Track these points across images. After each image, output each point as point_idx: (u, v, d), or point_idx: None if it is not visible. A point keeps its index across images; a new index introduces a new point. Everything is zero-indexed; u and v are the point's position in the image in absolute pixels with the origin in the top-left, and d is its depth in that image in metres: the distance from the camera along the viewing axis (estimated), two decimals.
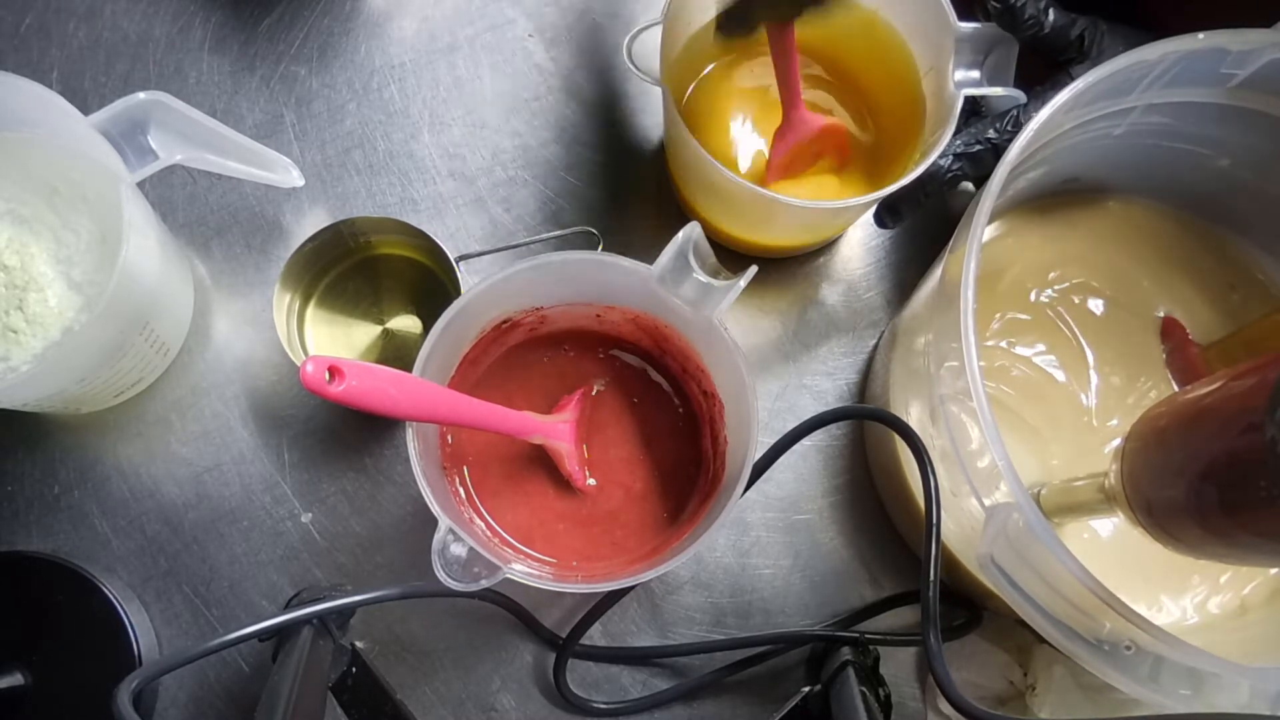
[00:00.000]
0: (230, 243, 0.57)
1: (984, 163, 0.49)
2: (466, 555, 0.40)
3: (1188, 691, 0.35)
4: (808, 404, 0.57)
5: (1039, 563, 0.35)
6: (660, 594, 0.54)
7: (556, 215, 0.58)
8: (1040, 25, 0.47)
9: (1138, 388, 0.50)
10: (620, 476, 0.50)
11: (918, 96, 0.52)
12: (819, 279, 0.58)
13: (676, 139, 0.49)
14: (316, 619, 0.45)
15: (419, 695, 0.52)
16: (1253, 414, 0.31)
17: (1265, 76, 0.42)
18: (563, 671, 0.51)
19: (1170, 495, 0.36)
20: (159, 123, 0.48)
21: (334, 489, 0.54)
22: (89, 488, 0.53)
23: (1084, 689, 0.48)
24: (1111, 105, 0.43)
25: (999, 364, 0.50)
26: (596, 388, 0.51)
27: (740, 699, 0.53)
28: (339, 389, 0.35)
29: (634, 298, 0.47)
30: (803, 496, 0.55)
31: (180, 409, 0.54)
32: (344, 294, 0.55)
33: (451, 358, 0.47)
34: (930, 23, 0.49)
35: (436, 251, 0.52)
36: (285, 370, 0.55)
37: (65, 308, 0.48)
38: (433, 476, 0.42)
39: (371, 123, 0.59)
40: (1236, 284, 0.52)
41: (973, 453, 0.39)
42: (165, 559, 0.53)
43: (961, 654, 0.51)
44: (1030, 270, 0.52)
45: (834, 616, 0.54)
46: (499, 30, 0.61)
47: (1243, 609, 0.48)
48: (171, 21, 0.59)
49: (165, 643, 0.52)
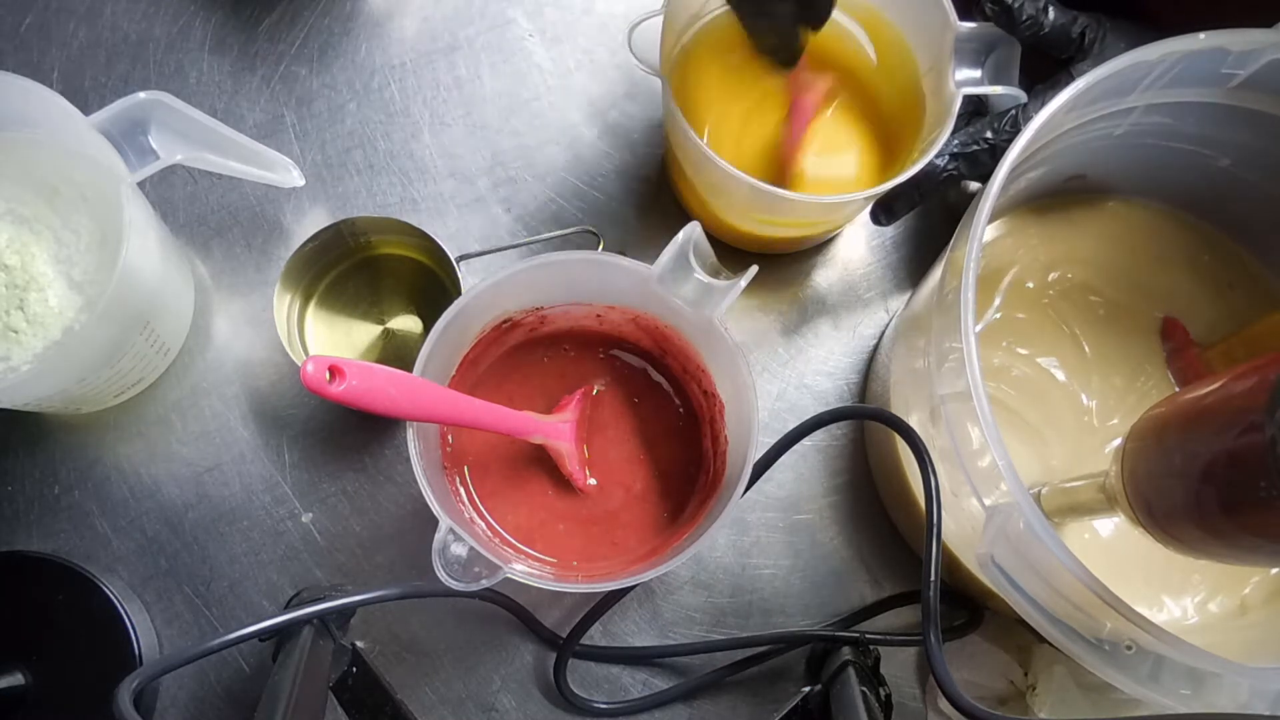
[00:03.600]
0: (230, 243, 0.57)
1: (981, 163, 0.49)
2: (467, 555, 0.40)
3: (1188, 691, 0.35)
4: (808, 404, 0.57)
5: (1039, 563, 0.35)
6: (660, 594, 0.54)
7: (556, 215, 0.58)
8: (1040, 25, 0.47)
9: (1138, 388, 0.50)
10: (620, 476, 0.50)
11: (918, 95, 0.52)
12: (819, 278, 0.58)
13: (675, 131, 0.49)
14: (316, 619, 0.45)
15: (419, 695, 0.52)
16: (1253, 414, 0.31)
17: (1266, 76, 0.42)
18: (563, 671, 0.51)
19: (1170, 495, 0.36)
20: (159, 123, 0.48)
21: (334, 489, 0.54)
22: (89, 488, 0.53)
23: (1084, 689, 0.48)
24: (1112, 105, 0.43)
25: (999, 364, 0.50)
26: (597, 388, 0.51)
27: (740, 699, 0.53)
28: (339, 389, 0.35)
29: (634, 298, 0.47)
30: (803, 496, 0.55)
31: (180, 409, 0.54)
32: (344, 294, 0.55)
33: (451, 358, 0.47)
34: (931, 22, 0.49)
35: (436, 251, 0.52)
36: (285, 370, 0.55)
37: (65, 308, 0.48)
38: (433, 476, 0.42)
39: (371, 123, 0.59)
40: (1236, 284, 0.52)
41: (973, 453, 0.39)
42: (165, 559, 0.53)
43: (961, 654, 0.51)
44: (1030, 270, 0.51)
45: (834, 616, 0.54)
46: (499, 30, 0.61)
47: (1243, 609, 0.48)
48: (171, 21, 0.59)
49: (165, 643, 0.52)
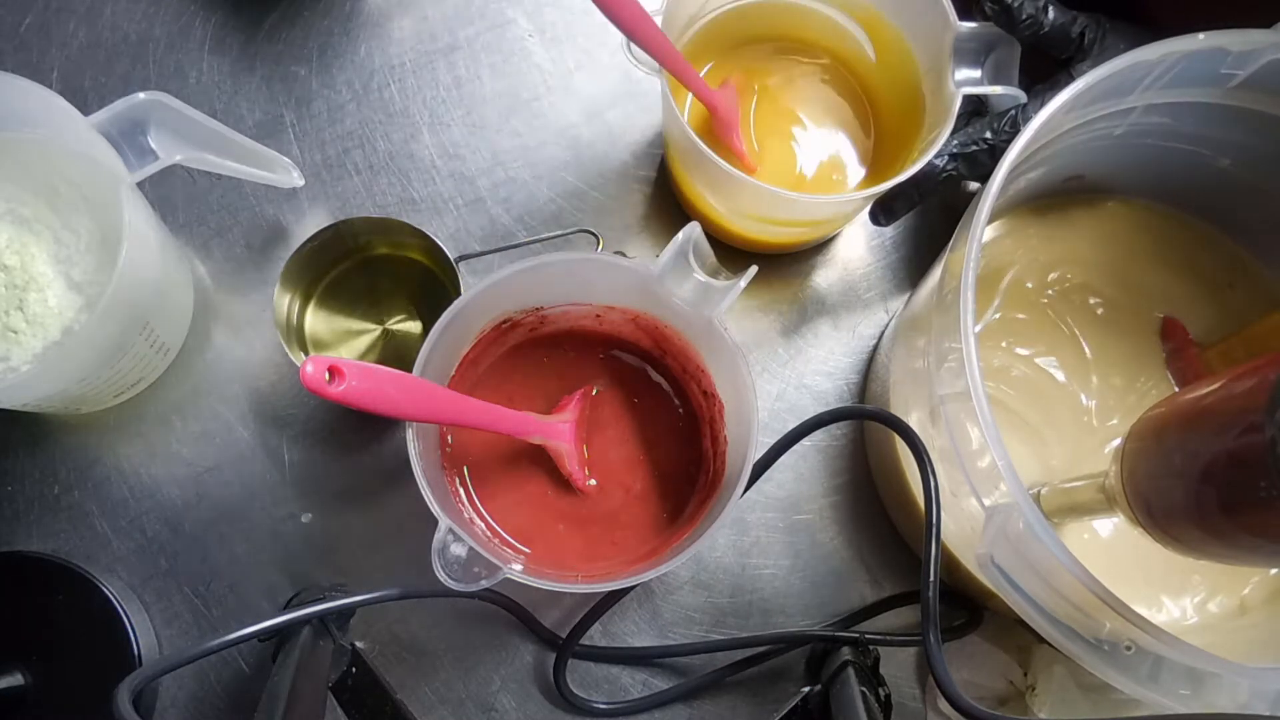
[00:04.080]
0: (230, 243, 0.57)
1: (980, 163, 0.49)
2: (466, 555, 0.40)
3: (1187, 691, 0.35)
4: (808, 404, 0.57)
5: (1039, 563, 0.35)
6: (660, 594, 0.54)
7: (556, 215, 0.58)
8: (1039, 24, 0.47)
9: (1138, 388, 0.50)
10: (620, 476, 0.50)
11: (917, 95, 0.52)
12: (819, 279, 0.58)
13: (675, 131, 0.49)
14: (316, 619, 0.45)
15: (419, 695, 0.52)
16: (1253, 414, 0.31)
17: (1265, 76, 0.42)
18: (563, 671, 0.51)
19: (1170, 495, 0.36)
20: (159, 123, 0.48)
21: (334, 489, 0.54)
22: (89, 488, 0.53)
23: (1084, 689, 0.48)
24: (1112, 105, 0.43)
25: (999, 364, 0.50)
26: (596, 388, 0.51)
27: (740, 699, 0.53)
28: (339, 389, 0.35)
29: (634, 298, 0.46)
30: (803, 496, 0.55)
31: (180, 409, 0.54)
32: (344, 294, 0.55)
33: (451, 358, 0.47)
34: (930, 22, 0.49)
35: (436, 251, 0.52)
36: (285, 370, 0.55)
37: (65, 308, 0.48)
38: (433, 476, 0.42)
39: (371, 123, 0.59)
40: (1236, 284, 0.52)
41: (973, 453, 0.39)
42: (165, 559, 0.53)
43: (961, 654, 0.51)
44: (1030, 270, 0.51)
45: (834, 616, 0.54)
46: (499, 30, 0.61)
47: (1243, 609, 0.48)
48: (171, 21, 0.59)
49: (165, 643, 0.52)
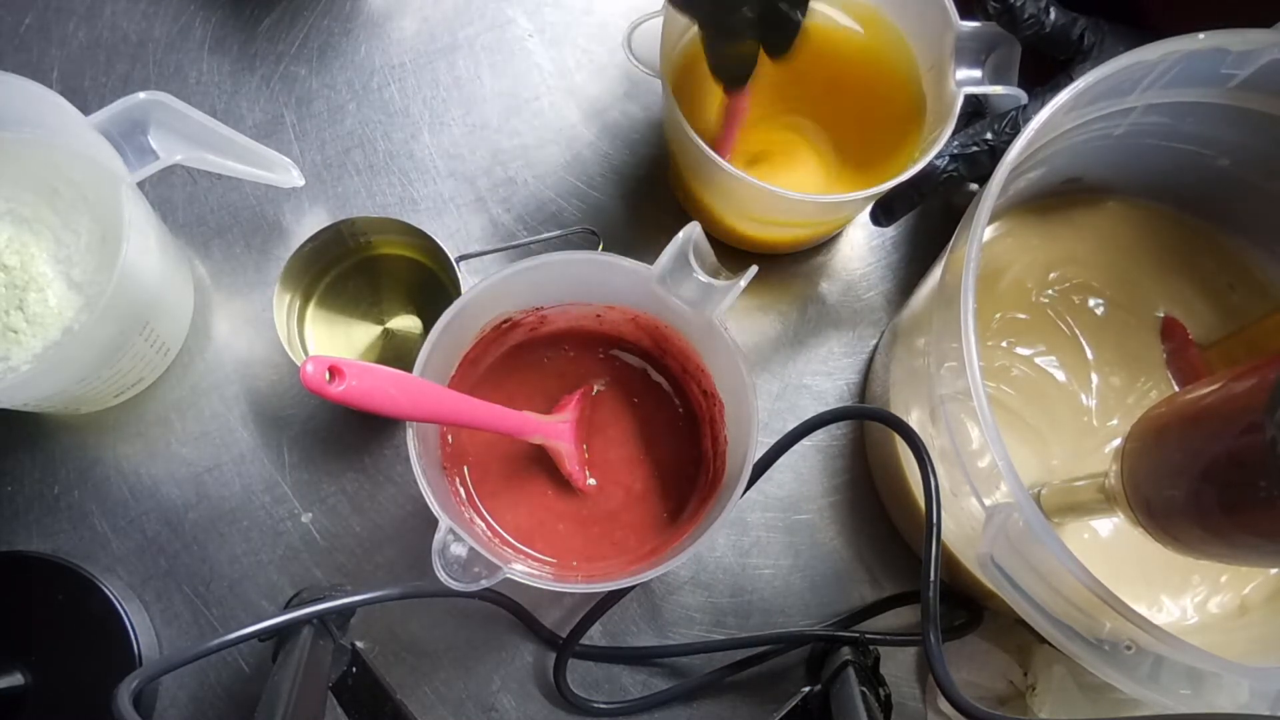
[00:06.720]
0: (230, 243, 0.57)
1: (981, 164, 0.49)
2: (466, 555, 0.40)
3: (1188, 691, 0.35)
4: (808, 404, 0.57)
5: (1039, 563, 0.35)
6: (660, 594, 0.54)
7: (556, 215, 0.58)
8: (1041, 24, 0.47)
9: (1138, 388, 0.50)
10: (620, 476, 0.50)
11: (918, 95, 0.52)
12: (819, 279, 0.58)
13: (675, 131, 0.49)
14: (316, 619, 0.45)
15: (419, 695, 0.52)
16: (1253, 414, 0.31)
17: (1265, 76, 0.42)
18: (563, 671, 0.51)
19: (1170, 495, 0.36)
20: (159, 123, 0.48)
21: (334, 489, 0.54)
22: (89, 488, 0.53)
23: (1084, 689, 0.48)
24: (1112, 105, 0.43)
25: (999, 364, 0.50)
26: (596, 388, 0.51)
27: (740, 699, 0.53)
28: (339, 389, 0.35)
29: (634, 298, 0.46)
30: (803, 496, 0.55)
31: (180, 409, 0.54)
32: (344, 294, 0.55)
33: (451, 358, 0.47)
34: (931, 21, 0.49)
35: (436, 251, 0.52)
36: (285, 370, 0.55)
37: (65, 308, 0.48)
38: (433, 476, 0.42)
39: (371, 123, 0.59)
40: (1236, 284, 0.52)
41: (973, 453, 0.39)
42: (165, 559, 0.53)
43: (961, 654, 0.51)
44: (1030, 270, 0.51)
45: (834, 616, 0.54)
46: (499, 30, 0.61)
47: (1243, 609, 0.48)
48: (171, 21, 0.59)
49: (165, 643, 0.52)
